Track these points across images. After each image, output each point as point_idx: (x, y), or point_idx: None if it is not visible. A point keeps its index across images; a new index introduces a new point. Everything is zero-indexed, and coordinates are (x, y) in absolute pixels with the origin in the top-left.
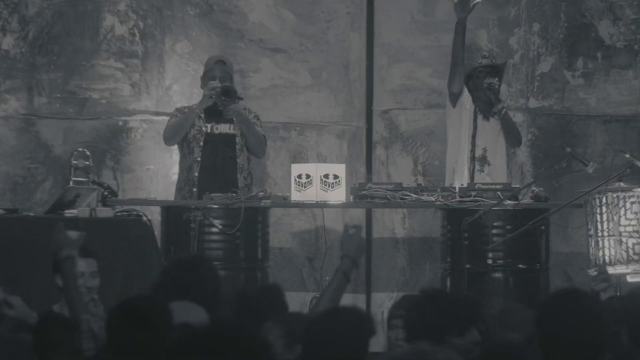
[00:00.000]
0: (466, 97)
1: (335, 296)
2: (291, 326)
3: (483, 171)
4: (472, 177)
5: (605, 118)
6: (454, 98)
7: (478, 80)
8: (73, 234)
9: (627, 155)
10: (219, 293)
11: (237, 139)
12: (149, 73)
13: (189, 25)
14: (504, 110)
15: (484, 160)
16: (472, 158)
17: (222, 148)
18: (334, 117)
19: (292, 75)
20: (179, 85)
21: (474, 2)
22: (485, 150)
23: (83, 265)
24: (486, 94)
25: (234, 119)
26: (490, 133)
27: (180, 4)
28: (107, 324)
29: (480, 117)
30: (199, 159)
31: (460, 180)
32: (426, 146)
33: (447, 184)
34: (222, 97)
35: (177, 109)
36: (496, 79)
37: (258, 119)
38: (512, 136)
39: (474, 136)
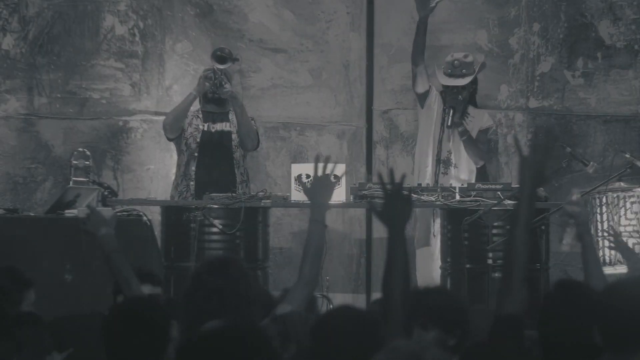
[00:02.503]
0: (434, 98)
1: (319, 248)
2: (286, 325)
3: (447, 174)
4: (436, 179)
5: (605, 118)
6: (421, 99)
7: (443, 95)
8: (107, 212)
9: (627, 155)
10: (250, 294)
11: (233, 136)
12: (149, 73)
13: (189, 25)
14: (467, 135)
15: (448, 162)
16: (438, 160)
17: (219, 144)
18: (334, 117)
19: (292, 75)
20: (179, 85)
21: (436, 0)
22: (450, 152)
23: None
24: (446, 121)
25: (230, 115)
26: (458, 137)
27: (181, 4)
28: (104, 324)
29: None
30: (196, 154)
31: (423, 181)
32: None
33: (414, 184)
34: (217, 53)
35: None
36: (459, 97)
37: (253, 120)
38: (471, 158)
39: (440, 140)
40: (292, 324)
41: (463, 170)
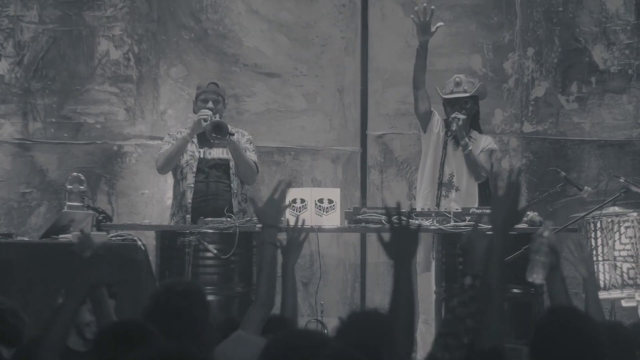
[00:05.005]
0: (435, 122)
1: (273, 270)
2: None
3: (448, 197)
4: (437, 202)
5: (599, 143)
6: (423, 123)
7: (446, 110)
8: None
9: (622, 180)
10: (208, 318)
11: (231, 164)
12: (143, 97)
13: (183, 49)
14: (469, 149)
15: (450, 185)
16: (440, 184)
17: (215, 173)
18: (329, 142)
19: (287, 99)
20: (174, 110)
21: (436, 25)
22: (452, 175)
23: None
24: (452, 127)
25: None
26: (461, 159)
27: (175, 29)
28: (95, 345)
29: (450, 144)
30: (192, 185)
31: (424, 205)
32: None
33: (417, 207)
34: (212, 134)
35: (170, 135)
36: (463, 111)
37: (251, 142)
38: (473, 172)
39: (442, 163)
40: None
41: (465, 193)
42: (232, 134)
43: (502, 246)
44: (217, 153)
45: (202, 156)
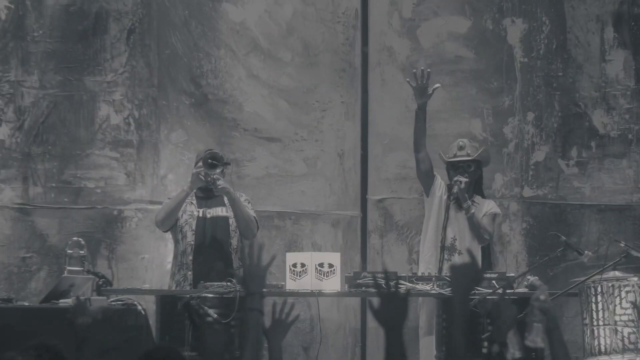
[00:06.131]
0: (438, 186)
1: (258, 336)
2: None
3: (451, 260)
4: (440, 266)
5: (599, 207)
6: (425, 186)
7: (449, 173)
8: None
9: (622, 244)
10: None
11: (230, 221)
12: (144, 162)
13: (184, 114)
14: (472, 212)
15: (452, 249)
16: (442, 247)
17: (215, 231)
18: (329, 206)
19: (287, 164)
20: (174, 175)
21: (434, 87)
22: (454, 239)
23: None
24: (453, 190)
25: (225, 198)
26: (463, 222)
27: (175, 94)
28: None
29: (453, 207)
30: (192, 242)
31: (426, 268)
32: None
33: (419, 272)
34: (209, 160)
35: (170, 199)
36: (466, 174)
37: (249, 202)
38: (476, 235)
39: (444, 227)
40: None
41: (468, 257)
42: (229, 163)
43: (463, 314)
44: (216, 212)
45: (200, 215)
